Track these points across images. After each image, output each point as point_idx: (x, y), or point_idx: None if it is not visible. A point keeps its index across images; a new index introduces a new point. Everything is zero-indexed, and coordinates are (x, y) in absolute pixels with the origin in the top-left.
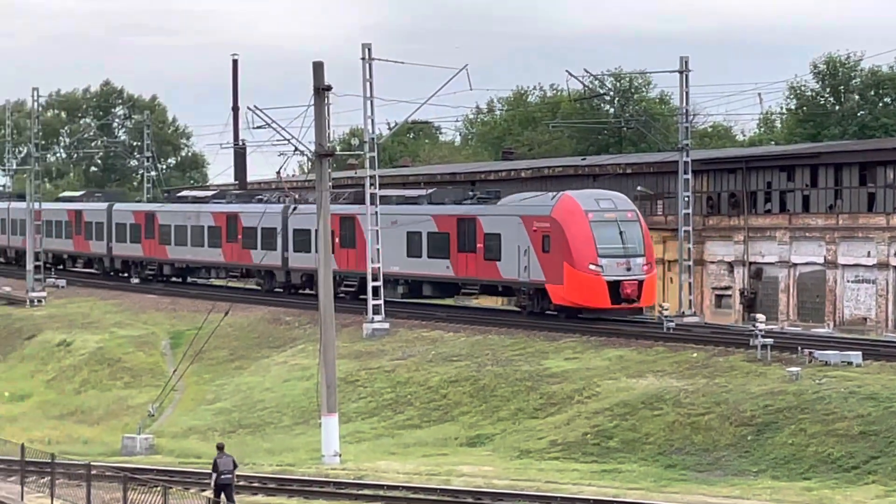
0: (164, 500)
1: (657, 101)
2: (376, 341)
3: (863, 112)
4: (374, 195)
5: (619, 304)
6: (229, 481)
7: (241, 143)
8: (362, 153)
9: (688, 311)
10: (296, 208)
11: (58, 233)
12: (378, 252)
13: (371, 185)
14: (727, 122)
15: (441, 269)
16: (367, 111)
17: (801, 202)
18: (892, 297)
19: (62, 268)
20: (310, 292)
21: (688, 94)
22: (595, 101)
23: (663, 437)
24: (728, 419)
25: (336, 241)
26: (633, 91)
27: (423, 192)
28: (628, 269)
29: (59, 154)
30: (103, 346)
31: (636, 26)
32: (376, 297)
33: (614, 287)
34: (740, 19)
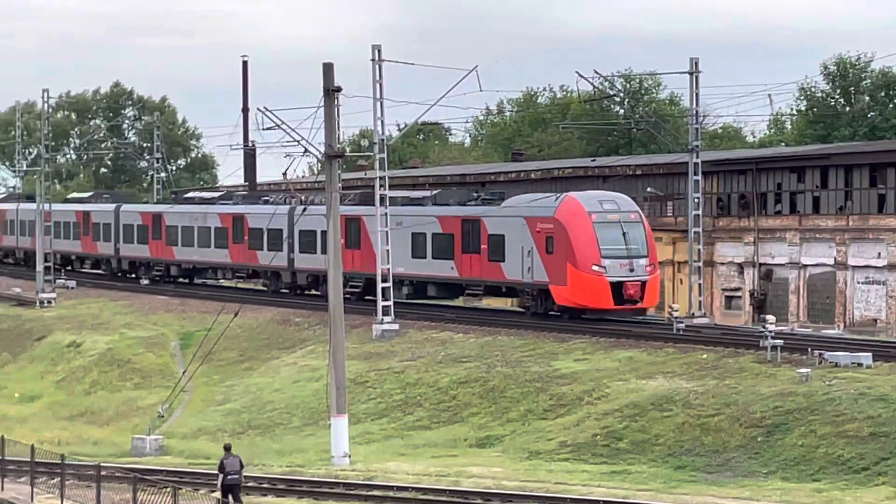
0: (174, 501)
1: (667, 102)
2: (386, 342)
3: (873, 113)
4: (384, 197)
5: (622, 304)
6: (236, 482)
7: (250, 145)
8: (372, 154)
9: (698, 313)
10: (305, 209)
11: (66, 234)
12: (388, 253)
13: (381, 186)
14: (737, 123)
15: (445, 269)
16: (376, 112)
17: (812, 203)
18: None
19: (70, 269)
20: (317, 293)
21: (698, 95)
22: (605, 103)
23: (673, 439)
24: (738, 420)
25: (341, 241)
26: (644, 92)
27: (428, 193)
28: (631, 270)
29: (69, 155)
30: (113, 348)
31: (646, 28)
32: (385, 298)
33: (617, 288)
34: (750, 20)
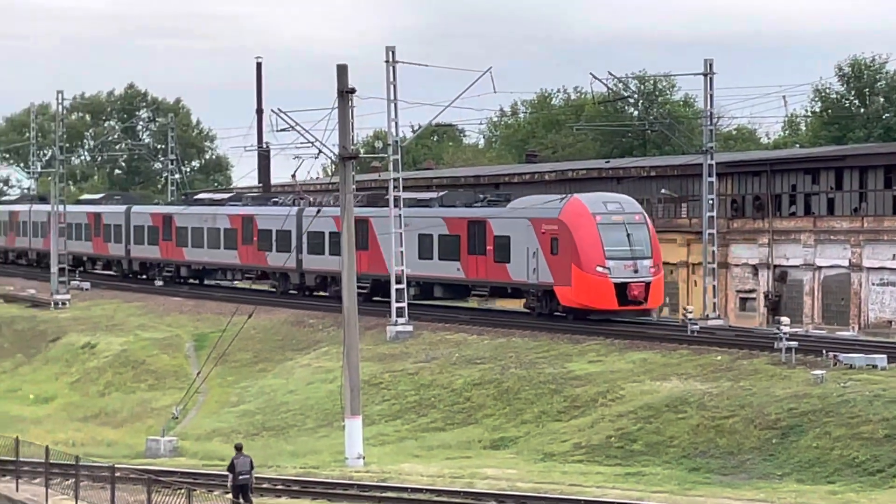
0: (189, 502)
1: (681, 103)
2: (400, 344)
3: (888, 115)
4: (398, 198)
5: (627, 305)
6: (247, 482)
7: (264, 146)
8: (386, 156)
9: (712, 314)
10: (319, 211)
11: (77, 235)
12: (402, 255)
13: (395, 187)
14: (752, 124)
15: (452, 270)
16: (390, 114)
17: (826, 205)
18: None
19: (82, 269)
20: (325, 294)
21: (712, 96)
22: (619, 104)
23: (687, 441)
24: (752, 422)
25: None
26: (658, 94)
27: (435, 194)
28: (635, 271)
29: (83, 157)
30: (127, 349)
31: (660, 29)
32: (399, 299)
33: (621, 289)
34: (765, 22)
